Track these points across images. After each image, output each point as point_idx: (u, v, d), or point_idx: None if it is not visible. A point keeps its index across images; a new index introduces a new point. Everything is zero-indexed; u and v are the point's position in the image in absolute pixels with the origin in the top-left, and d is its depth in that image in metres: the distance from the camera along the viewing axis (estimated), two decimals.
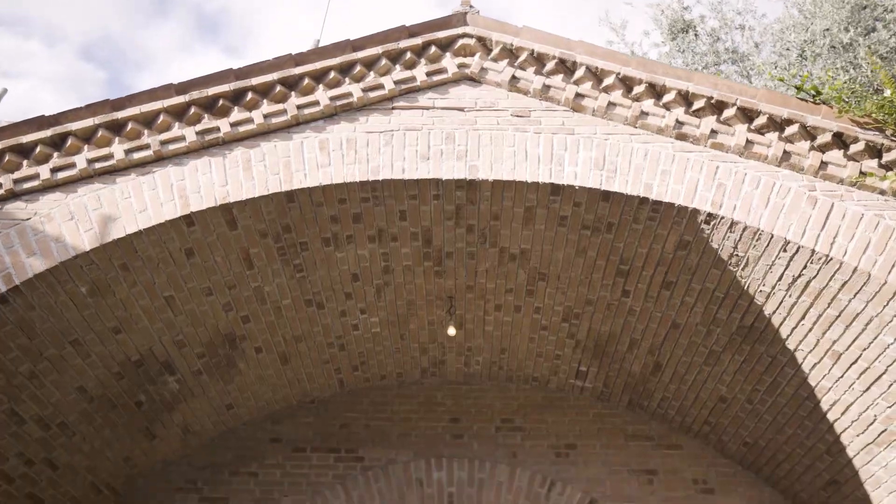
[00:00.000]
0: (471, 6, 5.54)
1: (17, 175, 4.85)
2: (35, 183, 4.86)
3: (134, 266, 4.88)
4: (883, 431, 5.02)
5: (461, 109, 5.23)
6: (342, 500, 6.20)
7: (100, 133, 4.96)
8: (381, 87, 5.23)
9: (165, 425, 6.07)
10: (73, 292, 4.76)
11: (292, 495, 6.26)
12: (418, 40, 5.30)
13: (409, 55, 5.29)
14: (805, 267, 4.68)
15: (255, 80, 5.15)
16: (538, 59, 5.25)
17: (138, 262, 4.88)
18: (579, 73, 5.20)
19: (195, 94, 5.08)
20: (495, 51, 5.30)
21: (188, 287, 5.21)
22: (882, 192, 4.72)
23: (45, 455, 5.34)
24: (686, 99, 5.09)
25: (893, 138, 4.77)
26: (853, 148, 4.84)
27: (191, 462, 6.44)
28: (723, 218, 4.75)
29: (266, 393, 6.47)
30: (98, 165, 4.93)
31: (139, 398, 5.69)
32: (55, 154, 4.92)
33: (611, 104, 5.14)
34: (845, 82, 5.74)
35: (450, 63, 5.31)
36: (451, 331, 5.85)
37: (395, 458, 6.45)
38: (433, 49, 5.31)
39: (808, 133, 4.92)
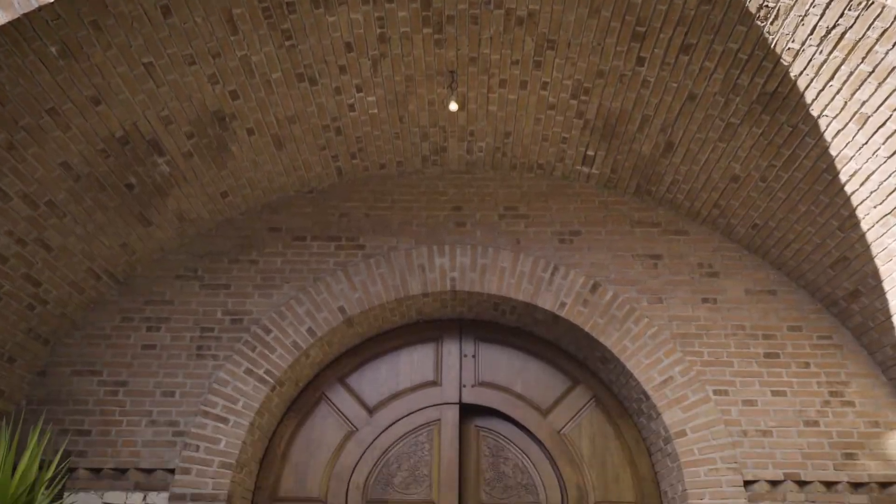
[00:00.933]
0: None
1: None
2: None
3: (106, 24, 4.47)
4: None
5: None
6: (344, 284, 6.15)
7: None
8: None
9: (160, 211, 5.90)
10: (43, 53, 4.39)
11: (294, 281, 6.21)
12: None
13: None
14: (842, 15, 4.26)
15: None
16: None
17: (110, 20, 4.46)
18: None
19: None
20: None
21: (168, 53, 4.82)
22: None
23: (36, 235, 5.20)
24: None
25: None
26: None
27: (190, 250, 6.35)
28: None
29: (262, 181, 6.25)
30: None
31: (129, 180, 5.47)
32: None
33: None
34: None
35: None
36: (453, 106, 5.51)
37: (396, 245, 6.35)
38: None
39: None
